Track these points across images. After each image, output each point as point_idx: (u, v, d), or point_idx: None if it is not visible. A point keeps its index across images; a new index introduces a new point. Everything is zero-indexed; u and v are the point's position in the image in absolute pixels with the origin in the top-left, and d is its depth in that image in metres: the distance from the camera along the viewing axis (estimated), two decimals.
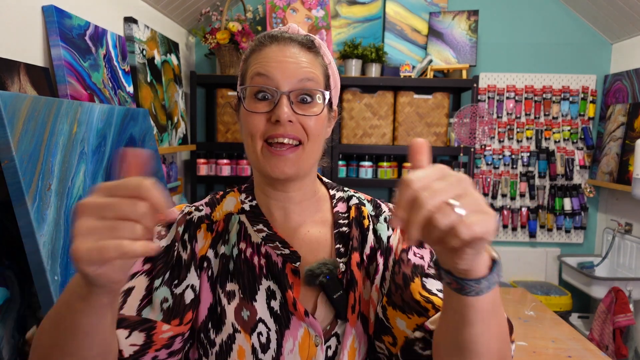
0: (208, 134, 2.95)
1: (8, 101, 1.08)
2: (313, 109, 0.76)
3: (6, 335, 1.18)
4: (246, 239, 0.80)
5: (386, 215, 0.85)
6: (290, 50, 0.77)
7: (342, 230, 0.83)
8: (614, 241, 2.76)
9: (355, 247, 0.81)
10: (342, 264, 0.80)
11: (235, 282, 0.77)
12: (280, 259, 0.79)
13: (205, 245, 0.80)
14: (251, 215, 0.82)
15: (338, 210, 0.86)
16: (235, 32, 2.55)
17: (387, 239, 0.82)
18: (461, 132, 2.59)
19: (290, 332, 0.75)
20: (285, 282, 0.77)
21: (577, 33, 2.90)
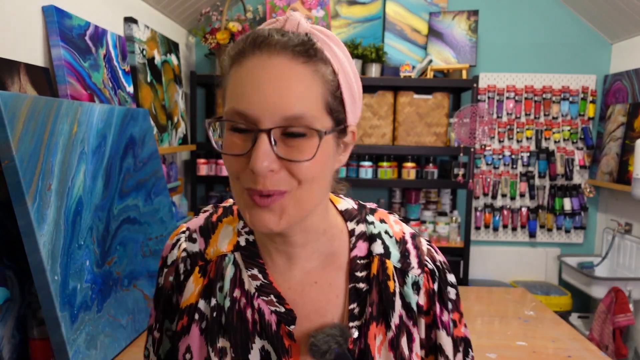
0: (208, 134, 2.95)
1: (8, 101, 1.08)
2: (305, 149, 0.56)
3: (6, 335, 1.18)
4: (240, 285, 0.68)
5: (414, 277, 0.68)
6: (276, 66, 0.56)
7: (360, 286, 0.67)
8: (613, 241, 2.76)
9: (374, 315, 0.66)
10: (354, 329, 0.66)
11: (227, 339, 0.67)
12: (274, 317, 0.66)
13: (196, 292, 0.70)
14: (246, 254, 0.69)
15: (357, 254, 0.68)
16: (235, 32, 2.55)
17: (416, 306, 0.68)
18: (461, 132, 2.59)
19: None
20: (281, 347, 0.65)
21: (577, 33, 2.90)
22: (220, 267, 0.69)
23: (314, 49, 0.57)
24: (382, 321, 0.67)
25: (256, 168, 0.54)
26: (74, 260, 1.24)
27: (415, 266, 0.69)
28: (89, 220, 1.34)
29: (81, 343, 1.20)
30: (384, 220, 0.72)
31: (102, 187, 1.42)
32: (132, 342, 1.44)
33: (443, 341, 0.70)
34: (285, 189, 0.57)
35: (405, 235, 0.71)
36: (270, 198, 0.57)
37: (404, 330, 0.68)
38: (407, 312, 0.68)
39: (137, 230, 1.60)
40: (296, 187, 0.58)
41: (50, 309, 1.13)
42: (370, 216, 0.72)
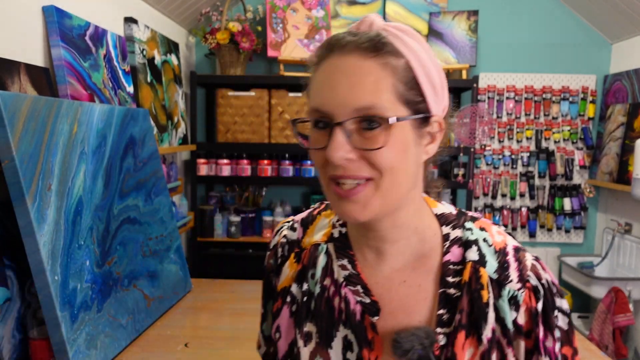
0: (208, 134, 2.96)
1: (8, 101, 1.08)
2: (379, 139, 0.58)
3: (6, 335, 1.18)
4: (331, 274, 0.70)
5: (513, 291, 0.63)
6: (346, 63, 0.59)
7: (450, 292, 0.65)
8: (613, 241, 2.76)
9: (464, 324, 0.63)
10: (441, 336, 0.63)
11: (314, 324, 0.69)
12: (359, 307, 0.67)
13: (289, 276, 0.74)
14: (338, 245, 0.71)
15: (449, 259, 0.66)
16: (235, 32, 2.55)
17: (513, 324, 0.63)
18: (461, 132, 2.59)
19: None
20: (363, 337, 0.66)
21: (577, 33, 2.90)
22: (313, 255, 0.72)
23: (382, 43, 0.60)
24: (473, 333, 0.63)
25: (332, 158, 0.58)
26: (74, 260, 1.24)
27: (514, 280, 0.64)
28: (89, 220, 1.34)
29: (81, 343, 1.20)
30: (484, 229, 0.68)
31: (102, 187, 1.42)
32: (132, 342, 1.44)
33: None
34: (367, 175, 0.59)
35: (507, 247, 0.67)
36: (353, 190, 0.60)
37: (495, 347, 0.63)
38: (502, 328, 0.63)
39: (137, 230, 1.60)
40: (379, 177, 0.59)
41: (50, 309, 1.13)
42: (470, 223, 0.69)
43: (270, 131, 2.67)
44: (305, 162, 2.69)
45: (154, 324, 1.58)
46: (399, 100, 0.59)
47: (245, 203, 2.92)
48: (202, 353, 1.40)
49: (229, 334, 1.52)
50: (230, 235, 2.76)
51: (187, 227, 2.56)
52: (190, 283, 1.93)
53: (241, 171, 2.69)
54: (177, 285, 1.82)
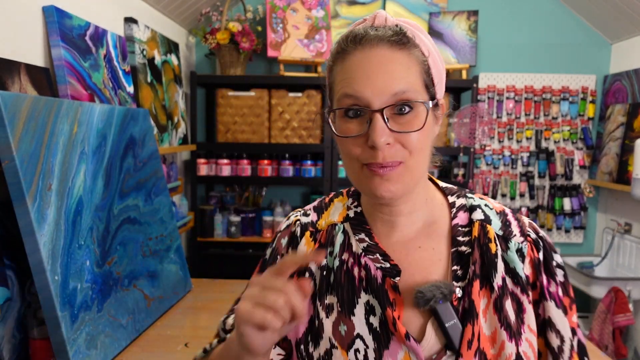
0: (208, 134, 2.96)
1: (8, 101, 1.08)
2: (414, 122, 0.65)
3: (6, 335, 1.18)
4: (349, 248, 0.75)
5: (518, 244, 0.71)
6: (378, 55, 0.65)
7: (462, 249, 0.72)
8: (613, 241, 2.76)
9: (477, 274, 0.69)
10: (458, 289, 0.69)
11: (334, 295, 0.73)
12: (379, 272, 0.72)
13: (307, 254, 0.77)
14: (355, 222, 0.77)
15: (458, 222, 0.74)
16: (235, 32, 2.55)
17: (523, 273, 0.70)
18: (461, 132, 2.59)
19: (389, 352, 0.68)
20: (385, 299, 0.70)
21: (577, 33, 2.90)
22: (331, 234, 0.77)
23: (406, 37, 0.67)
24: (486, 284, 0.69)
25: (376, 143, 0.63)
26: (74, 260, 1.24)
27: (517, 234, 0.72)
28: (89, 220, 1.34)
29: (81, 343, 1.21)
30: (483, 198, 0.77)
31: (102, 187, 1.42)
32: (132, 342, 1.44)
33: (552, 313, 0.69)
34: (400, 160, 0.66)
35: (505, 209, 0.75)
36: (388, 168, 0.65)
37: (508, 294, 0.68)
38: (514, 278, 0.69)
39: (137, 230, 1.60)
40: (408, 157, 0.66)
41: (50, 309, 1.13)
42: (470, 194, 0.78)
43: (270, 131, 2.67)
44: (305, 162, 2.69)
45: (154, 324, 1.58)
46: (423, 87, 0.67)
47: (245, 203, 2.92)
48: None
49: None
50: (230, 235, 2.76)
51: (187, 227, 2.56)
52: (190, 283, 1.93)
53: (241, 171, 2.69)
54: (177, 285, 1.82)
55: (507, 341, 0.66)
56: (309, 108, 2.65)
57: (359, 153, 0.66)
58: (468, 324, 0.67)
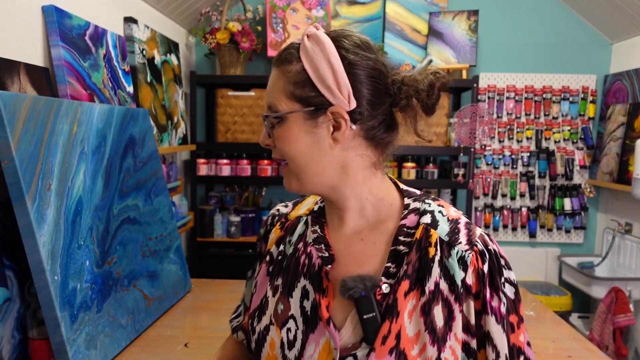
0: (208, 134, 2.95)
1: (8, 101, 1.08)
2: (277, 131, 0.75)
3: (6, 335, 1.18)
4: (304, 238, 0.83)
5: (461, 252, 0.71)
6: (271, 75, 0.78)
7: (400, 249, 0.74)
8: (614, 241, 2.76)
9: (409, 274, 0.71)
10: (385, 285, 0.72)
11: (282, 277, 0.81)
12: (319, 260, 0.78)
13: (273, 240, 0.88)
14: (315, 216, 0.84)
15: (405, 223, 0.76)
16: (235, 32, 2.55)
17: (461, 283, 0.70)
18: (461, 132, 2.59)
19: (314, 336, 0.74)
20: (319, 285, 0.76)
21: (577, 33, 2.90)
22: (294, 225, 0.86)
23: (284, 55, 0.76)
24: (417, 286, 0.71)
25: (260, 143, 0.78)
26: (74, 260, 1.24)
27: (463, 242, 0.72)
28: (89, 220, 1.34)
29: (81, 343, 1.20)
30: (442, 205, 0.78)
31: (102, 187, 1.42)
32: (132, 342, 1.44)
33: (492, 328, 0.69)
34: (279, 158, 0.77)
35: (460, 219, 0.76)
36: (282, 166, 0.78)
37: (439, 299, 0.69)
38: (450, 285, 0.70)
39: (137, 230, 1.60)
40: (286, 160, 0.76)
41: (50, 309, 1.13)
42: (430, 200, 0.79)
43: None
44: None
45: (153, 324, 1.58)
46: (289, 98, 0.74)
47: (245, 203, 2.92)
48: (202, 353, 1.40)
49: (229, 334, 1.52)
50: (230, 235, 2.76)
51: (187, 227, 2.56)
52: (190, 283, 1.93)
53: (241, 171, 2.69)
54: (177, 285, 1.82)
55: (428, 344, 0.68)
56: None
57: None
58: (387, 320, 0.69)
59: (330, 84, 0.72)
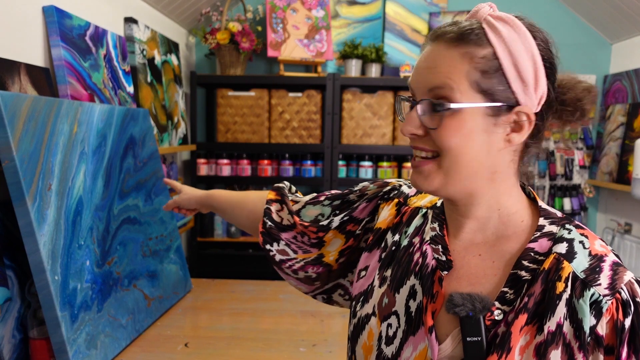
0: (208, 134, 2.96)
1: (8, 101, 1.08)
2: (444, 120, 0.63)
3: (6, 335, 1.18)
4: (421, 234, 0.77)
5: (597, 295, 0.60)
6: (433, 51, 0.66)
7: (521, 274, 0.64)
8: (613, 241, 2.76)
9: (529, 308, 0.62)
10: (498, 312, 0.63)
11: (392, 270, 0.77)
12: (434, 262, 0.71)
13: (387, 221, 0.83)
14: (436, 212, 0.77)
15: (533, 247, 0.66)
16: (235, 32, 2.55)
17: (589, 330, 0.59)
18: None
19: (414, 339, 0.68)
20: (428, 289, 0.70)
21: (577, 33, 2.90)
22: (412, 216, 0.80)
23: (468, 34, 0.64)
24: (535, 322, 0.62)
25: (402, 131, 0.68)
26: (74, 260, 1.24)
27: (603, 285, 0.60)
28: (89, 220, 1.34)
29: (81, 343, 1.21)
30: (586, 235, 0.66)
31: (102, 187, 1.42)
32: (132, 342, 1.44)
33: None
34: (430, 149, 0.66)
35: (606, 256, 0.64)
36: (420, 162, 0.68)
37: (560, 343, 0.60)
38: (576, 330, 0.60)
39: (137, 230, 1.60)
40: (441, 155, 0.66)
41: (50, 309, 1.13)
42: (572, 227, 0.67)
43: (270, 131, 2.67)
44: (305, 162, 2.69)
45: (154, 324, 1.58)
46: (472, 87, 0.63)
47: None
48: (202, 353, 1.41)
49: (229, 334, 1.52)
50: (230, 235, 2.76)
51: (187, 227, 2.56)
52: (190, 283, 1.93)
53: (241, 171, 2.69)
54: (177, 285, 1.82)
55: None
56: (309, 108, 2.65)
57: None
58: (495, 353, 0.61)
59: (529, 80, 0.65)
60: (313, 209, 0.92)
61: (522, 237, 0.68)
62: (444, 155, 0.65)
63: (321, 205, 0.92)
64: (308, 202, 0.94)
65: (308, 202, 0.94)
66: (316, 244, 0.91)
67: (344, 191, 0.93)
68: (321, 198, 0.93)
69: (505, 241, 0.69)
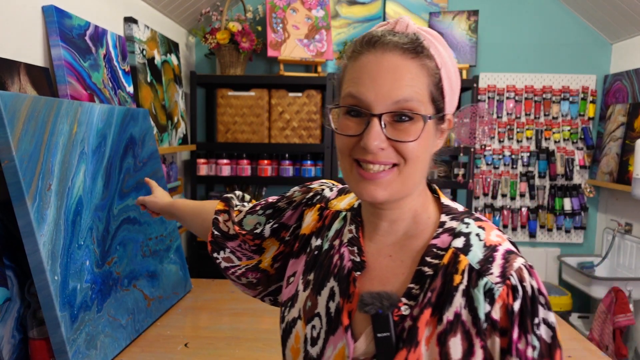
0: (208, 134, 2.95)
1: (8, 101, 1.08)
2: (411, 131, 0.65)
3: (6, 335, 1.18)
4: (340, 236, 0.79)
5: (490, 284, 0.64)
6: (389, 61, 0.65)
7: (425, 270, 0.68)
8: (613, 241, 2.76)
9: (432, 302, 0.66)
10: (405, 307, 0.67)
11: (314, 273, 0.79)
12: (350, 264, 0.74)
13: (310, 226, 0.84)
14: (353, 214, 0.80)
15: (436, 243, 0.70)
16: (235, 32, 2.55)
17: (485, 316, 0.63)
18: (461, 132, 2.59)
19: (334, 338, 0.72)
20: (345, 290, 0.73)
21: (577, 33, 2.90)
22: (333, 219, 0.82)
23: (421, 47, 0.66)
24: (436, 314, 0.66)
25: (368, 146, 0.64)
26: (74, 260, 1.24)
27: (495, 274, 0.64)
28: (89, 220, 1.34)
29: (81, 343, 1.20)
30: (483, 227, 0.70)
31: (102, 187, 1.42)
32: (132, 342, 1.44)
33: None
34: (394, 161, 0.66)
35: (499, 246, 0.68)
36: (378, 174, 0.67)
37: (458, 331, 0.64)
38: (474, 318, 0.64)
39: (137, 230, 1.60)
40: (403, 164, 0.67)
41: (50, 309, 1.13)
42: (471, 220, 0.71)
43: (270, 131, 2.67)
44: (305, 162, 2.69)
45: (154, 324, 1.58)
46: (429, 98, 0.67)
47: None
48: (202, 353, 1.40)
49: (229, 334, 1.52)
50: None
51: None
52: (190, 283, 1.93)
53: (241, 171, 2.69)
54: (177, 285, 1.82)
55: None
56: (309, 108, 2.65)
57: (351, 149, 0.68)
58: (405, 348, 0.65)
59: (455, 89, 0.71)
60: (251, 218, 0.93)
61: (427, 234, 0.72)
62: (407, 164, 0.67)
63: (257, 214, 0.93)
64: (247, 212, 0.95)
65: (247, 211, 0.96)
66: (256, 250, 0.93)
67: (277, 198, 0.94)
68: (257, 207, 0.95)
69: (413, 240, 0.73)
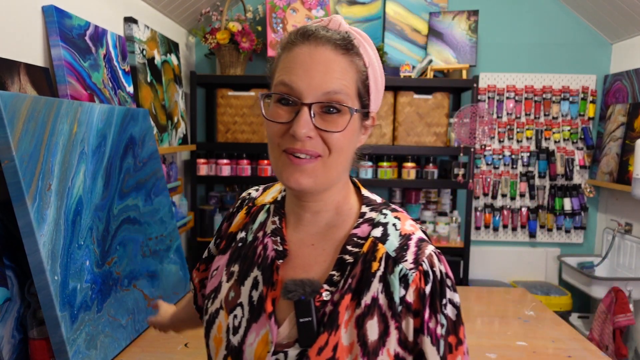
0: (208, 134, 2.95)
1: (8, 101, 1.08)
2: (338, 123, 0.69)
3: (6, 335, 1.18)
4: (264, 227, 0.82)
5: (405, 270, 0.70)
6: (321, 54, 0.69)
7: (345, 258, 0.73)
8: (613, 241, 2.76)
9: (352, 288, 0.71)
10: (326, 293, 0.72)
11: (238, 265, 0.81)
12: (273, 253, 0.77)
13: (238, 223, 0.87)
14: (277, 206, 0.83)
15: (356, 232, 0.75)
16: (235, 32, 2.55)
17: (400, 300, 0.69)
18: (461, 132, 2.59)
19: (256, 326, 0.74)
20: (268, 278, 0.76)
21: (577, 33, 2.90)
22: (258, 213, 0.85)
23: (352, 44, 0.71)
24: (355, 299, 0.71)
25: (297, 133, 0.67)
26: (74, 260, 1.24)
27: (409, 260, 0.71)
28: (89, 220, 1.34)
29: (81, 343, 1.20)
30: (399, 218, 0.77)
31: (102, 187, 1.42)
32: (132, 342, 1.44)
33: (426, 349, 0.69)
34: (319, 153, 0.69)
35: (413, 235, 0.74)
36: (305, 160, 0.69)
37: (375, 314, 0.69)
38: (389, 302, 0.70)
39: (137, 230, 1.60)
40: (327, 154, 0.70)
41: (50, 309, 1.13)
42: (388, 211, 0.77)
43: None
44: None
45: None
46: (356, 94, 0.71)
47: None
48: (202, 353, 1.40)
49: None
50: None
51: (187, 227, 2.56)
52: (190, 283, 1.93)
53: (241, 171, 2.69)
54: (177, 285, 1.82)
55: (360, 357, 0.68)
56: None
57: (280, 139, 0.70)
58: (325, 332, 0.69)
59: (380, 89, 0.76)
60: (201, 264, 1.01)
61: (348, 225, 0.77)
62: (331, 155, 0.70)
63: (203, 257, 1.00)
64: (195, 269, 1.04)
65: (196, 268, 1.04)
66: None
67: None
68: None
69: (335, 229, 0.77)
